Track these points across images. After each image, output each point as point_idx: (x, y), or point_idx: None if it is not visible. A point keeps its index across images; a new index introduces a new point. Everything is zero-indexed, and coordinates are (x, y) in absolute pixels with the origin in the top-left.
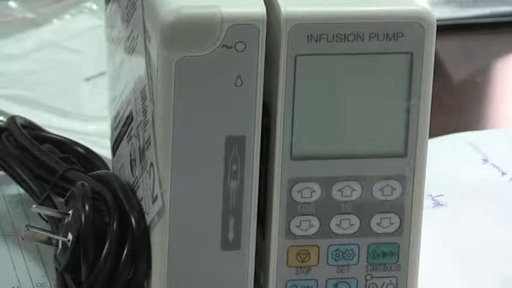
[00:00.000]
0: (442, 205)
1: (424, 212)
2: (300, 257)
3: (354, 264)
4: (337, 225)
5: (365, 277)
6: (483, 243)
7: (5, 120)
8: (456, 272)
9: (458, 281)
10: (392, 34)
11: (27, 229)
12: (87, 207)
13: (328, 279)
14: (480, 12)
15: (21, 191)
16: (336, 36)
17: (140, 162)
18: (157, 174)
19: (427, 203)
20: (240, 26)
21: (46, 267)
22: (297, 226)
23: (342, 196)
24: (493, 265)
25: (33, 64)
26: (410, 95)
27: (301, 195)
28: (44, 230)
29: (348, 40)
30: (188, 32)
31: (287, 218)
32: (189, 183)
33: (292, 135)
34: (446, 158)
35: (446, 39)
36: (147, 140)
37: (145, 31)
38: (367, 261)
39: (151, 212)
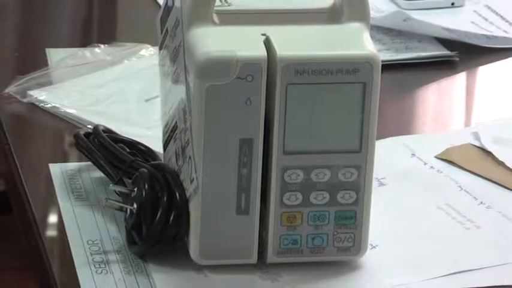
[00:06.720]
0: (384, 185)
1: (372, 189)
2: (289, 220)
3: (326, 225)
4: (314, 198)
5: (333, 233)
6: (411, 208)
7: (91, 127)
8: (394, 227)
9: (392, 233)
10: (352, 69)
11: (107, 201)
12: (146, 186)
13: (308, 234)
14: (410, 56)
15: (102, 174)
16: (314, 71)
17: (182, 155)
18: (193, 164)
19: (374, 183)
20: (249, 64)
21: (119, 226)
22: (287, 199)
23: (318, 179)
24: (417, 220)
25: (111, 90)
26: (364, 110)
27: (290, 178)
28: (117, 201)
29: (322, 74)
30: (214, 68)
31: (281, 193)
32: (214, 170)
33: (284, 137)
34: (387, 153)
35: (386, 74)
36: (187, 141)
37: (185, 68)
38: (334, 223)
39: (189, 189)
